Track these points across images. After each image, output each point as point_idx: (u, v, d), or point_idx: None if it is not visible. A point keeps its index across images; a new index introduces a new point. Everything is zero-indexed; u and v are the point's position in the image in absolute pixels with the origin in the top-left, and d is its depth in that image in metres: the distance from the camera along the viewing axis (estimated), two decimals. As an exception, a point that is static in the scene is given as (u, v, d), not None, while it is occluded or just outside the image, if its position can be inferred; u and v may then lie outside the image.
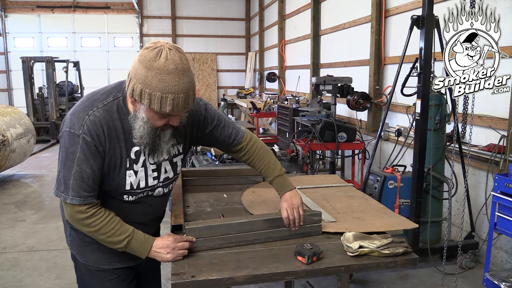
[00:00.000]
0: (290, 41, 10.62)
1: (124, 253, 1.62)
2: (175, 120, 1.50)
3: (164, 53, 1.37)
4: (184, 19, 14.91)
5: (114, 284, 1.73)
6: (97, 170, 1.50)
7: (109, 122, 1.51)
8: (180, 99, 1.40)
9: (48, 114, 10.81)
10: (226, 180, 2.55)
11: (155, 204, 1.74)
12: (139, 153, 1.57)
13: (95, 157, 1.49)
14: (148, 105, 1.41)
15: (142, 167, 1.60)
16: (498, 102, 3.79)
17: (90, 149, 1.47)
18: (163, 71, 1.36)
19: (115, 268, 1.72)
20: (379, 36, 5.92)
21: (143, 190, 1.64)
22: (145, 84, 1.38)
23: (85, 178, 1.48)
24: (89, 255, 1.70)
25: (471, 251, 3.73)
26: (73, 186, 1.48)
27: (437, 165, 3.78)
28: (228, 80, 15.51)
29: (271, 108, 9.15)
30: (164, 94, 1.37)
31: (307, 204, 2.12)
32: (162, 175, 1.67)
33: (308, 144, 5.00)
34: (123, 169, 1.56)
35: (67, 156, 1.48)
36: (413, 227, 1.95)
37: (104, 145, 1.50)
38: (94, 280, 1.74)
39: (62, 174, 1.50)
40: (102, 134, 1.49)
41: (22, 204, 5.74)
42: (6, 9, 13.91)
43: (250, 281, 1.48)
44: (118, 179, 1.56)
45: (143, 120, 1.48)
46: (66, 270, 3.74)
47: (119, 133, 1.53)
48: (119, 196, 1.61)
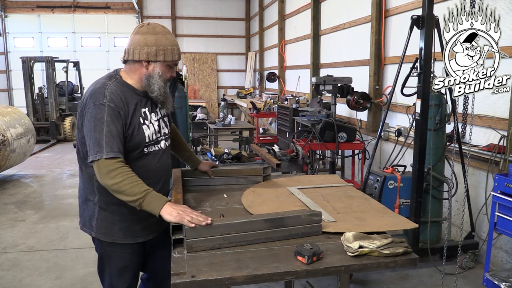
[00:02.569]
0: (290, 41, 10.63)
1: (144, 229, 2.01)
2: (174, 71, 2.02)
3: (154, 23, 1.97)
4: (184, 19, 14.92)
5: (131, 256, 2.06)
6: (121, 130, 1.86)
7: (122, 93, 1.92)
8: (176, 49, 1.98)
9: (48, 114, 10.81)
10: (226, 180, 2.56)
11: (165, 157, 2.12)
12: (146, 112, 2.00)
13: (119, 120, 1.86)
14: (164, 59, 1.93)
15: (150, 123, 2.01)
16: (498, 102, 3.79)
17: (115, 113, 1.85)
18: (165, 33, 1.95)
19: (136, 243, 2.05)
20: (379, 36, 5.92)
21: (155, 141, 2.03)
22: (157, 44, 1.91)
23: (114, 135, 1.82)
24: (117, 232, 2.00)
25: (471, 251, 3.73)
26: (106, 144, 1.79)
27: (437, 165, 3.78)
28: (228, 80, 15.51)
29: (271, 108, 9.15)
30: (171, 47, 1.95)
31: (307, 204, 2.12)
32: (162, 130, 2.10)
33: (308, 144, 5.00)
34: (141, 125, 1.96)
35: (95, 123, 1.82)
36: (413, 227, 1.95)
37: (125, 110, 1.89)
38: (115, 253, 2.04)
39: (94, 138, 1.80)
40: (121, 101, 1.89)
41: (22, 204, 5.74)
42: (6, 9, 13.91)
43: (250, 281, 1.48)
44: (140, 134, 1.95)
45: (159, 75, 1.95)
46: (66, 270, 3.74)
47: (129, 100, 1.94)
48: (142, 150, 1.97)
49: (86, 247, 4.22)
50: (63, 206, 5.63)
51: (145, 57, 1.92)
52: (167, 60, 1.93)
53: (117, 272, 2.07)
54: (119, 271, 2.07)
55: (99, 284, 3.46)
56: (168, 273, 2.05)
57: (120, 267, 2.06)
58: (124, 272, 2.07)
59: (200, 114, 8.59)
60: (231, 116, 7.83)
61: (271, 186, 2.48)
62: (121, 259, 2.05)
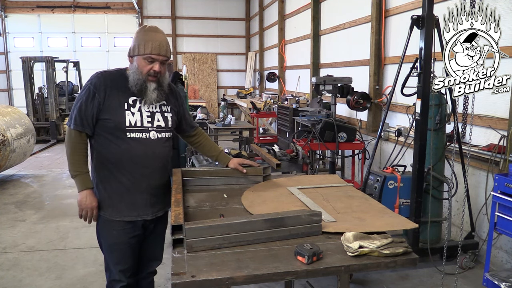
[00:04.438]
0: (290, 41, 10.63)
1: (131, 209, 2.23)
2: (156, 66, 2.14)
3: (147, 25, 2.23)
4: (184, 19, 14.91)
5: (119, 234, 2.25)
6: (90, 111, 2.14)
7: (114, 79, 2.20)
8: (156, 44, 2.12)
9: (48, 114, 10.80)
10: (226, 180, 2.56)
11: (154, 148, 2.24)
12: (135, 101, 2.20)
13: (92, 100, 2.14)
14: (138, 52, 2.13)
15: (138, 111, 2.20)
16: (498, 102, 3.79)
17: (90, 95, 2.15)
18: (146, 30, 2.16)
19: (123, 221, 2.24)
20: (379, 36, 5.92)
21: (140, 129, 2.19)
22: (136, 40, 2.15)
23: (82, 113, 2.15)
24: (105, 208, 2.24)
25: (471, 251, 3.73)
26: (75, 117, 2.16)
27: (437, 165, 3.78)
28: (228, 80, 15.51)
29: (271, 108, 9.15)
30: (146, 42, 2.12)
31: (307, 204, 2.12)
32: (155, 122, 2.25)
33: (308, 144, 5.00)
34: (122, 110, 2.16)
35: (77, 99, 2.18)
36: (413, 227, 1.95)
37: (102, 92, 2.14)
38: (105, 229, 2.27)
39: (72, 111, 2.19)
40: (101, 85, 2.15)
41: (22, 204, 5.74)
42: (6, 9, 13.91)
43: (250, 281, 1.48)
44: (119, 117, 2.15)
45: (135, 68, 2.15)
46: (66, 270, 3.74)
47: (120, 86, 2.18)
48: (125, 133, 2.17)
49: (86, 247, 4.22)
50: (63, 206, 5.63)
51: (129, 53, 2.20)
52: (140, 53, 2.12)
53: (107, 247, 2.30)
54: (109, 246, 2.29)
55: (99, 284, 3.48)
56: (153, 256, 2.47)
57: (109, 243, 2.28)
58: (113, 249, 2.28)
59: (200, 114, 8.59)
60: (231, 116, 7.83)
61: (271, 186, 2.48)
62: (110, 235, 2.27)
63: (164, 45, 2.15)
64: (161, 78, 2.19)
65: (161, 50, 2.13)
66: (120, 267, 2.28)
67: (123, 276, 2.29)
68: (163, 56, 2.15)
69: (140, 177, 2.23)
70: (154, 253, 2.48)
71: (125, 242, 2.26)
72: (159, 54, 2.13)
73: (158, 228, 2.42)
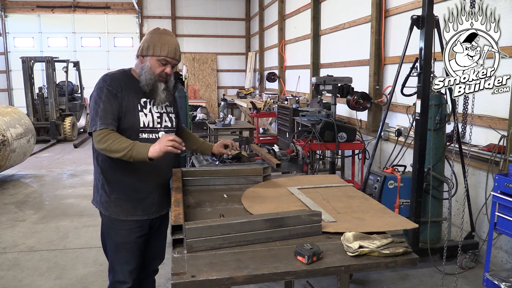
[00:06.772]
0: (290, 41, 10.63)
1: (138, 208, 2.25)
2: (168, 68, 2.19)
3: (159, 27, 2.26)
4: (184, 19, 14.92)
5: (127, 233, 2.26)
6: (116, 109, 2.11)
7: (124, 80, 2.20)
8: (172, 48, 2.17)
9: (48, 114, 10.80)
10: (226, 180, 2.56)
11: None
12: (146, 102, 2.23)
13: (114, 99, 2.12)
14: (152, 53, 2.15)
15: (149, 112, 2.24)
16: (498, 102, 3.79)
17: (111, 94, 2.12)
18: (161, 33, 2.20)
19: (130, 219, 2.25)
20: (379, 36, 5.92)
21: (151, 130, 2.23)
22: (151, 41, 2.17)
23: (108, 112, 2.09)
24: (112, 208, 2.25)
25: (471, 251, 3.73)
26: (100, 118, 2.07)
27: (437, 165, 3.78)
28: (228, 80, 15.51)
29: (271, 108, 9.15)
30: (163, 45, 2.16)
31: (307, 204, 2.12)
32: (163, 123, 2.29)
33: (308, 144, 5.00)
34: (137, 111, 2.19)
35: (95, 102, 2.11)
36: (413, 227, 1.95)
37: (121, 93, 2.14)
38: (113, 229, 2.28)
39: (93, 114, 2.09)
40: (119, 85, 2.15)
41: (22, 204, 5.74)
42: (6, 9, 13.92)
43: (250, 281, 1.48)
44: (135, 118, 2.18)
45: (148, 67, 2.16)
46: (66, 270, 3.74)
47: (130, 88, 2.19)
48: (137, 133, 2.19)
49: (86, 247, 4.23)
50: (63, 206, 5.63)
51: (140, 52, 2.20)
52: (156, 54, 2.14)
53: (114, 247, 2.30)
54: (116, 246, 2.29)
55: (99, 284, 3.48)
56: (157, 255, 2.53)
57: (116, 242, 2.28)
58: (120, 248, 2.28)
59: (200, 114, 8.60)
60: (231, 116, 7.83)
61: (271, 186, 2.48)
62: (117, 235, 2.27)
63: (178, 50, 2.22)
64: (169, 79, 2.25)
65: (176, 55, 2.20)
66: (129, 267, 2.29)
67: (129, 277, 2.30)
68: (176, 60, 2.21)
69: (148, 177, 2.26)
70: (157, 251, 2.52)
71: (133, 241, 2.28)
72: (174, 58, 2.19)
73: (162, 226, 2.47)
